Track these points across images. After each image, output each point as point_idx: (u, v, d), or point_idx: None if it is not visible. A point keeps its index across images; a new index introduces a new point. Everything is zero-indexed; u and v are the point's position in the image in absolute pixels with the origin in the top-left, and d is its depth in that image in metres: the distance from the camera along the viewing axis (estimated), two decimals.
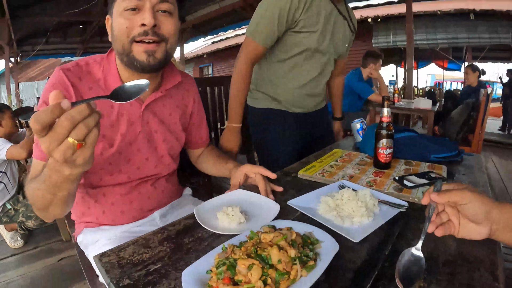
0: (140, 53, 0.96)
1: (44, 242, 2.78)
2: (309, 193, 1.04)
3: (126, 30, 0.95)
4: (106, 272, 0.67)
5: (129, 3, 0.93)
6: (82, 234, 1.18)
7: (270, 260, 0.59)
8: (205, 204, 0.98)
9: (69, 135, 0.56)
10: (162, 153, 1.19)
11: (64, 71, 1.00)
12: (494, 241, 0.70)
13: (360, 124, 1.75)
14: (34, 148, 0.98)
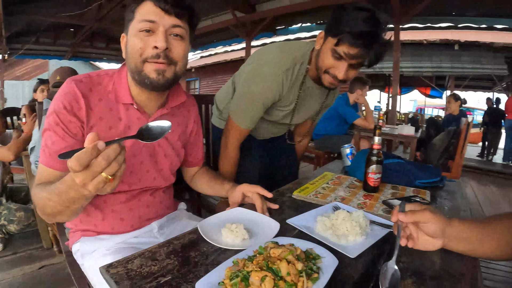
0: (151, 71, 1.02)
1: (23, 248, 2.70)
2: (306, 213, 1.11)
3: (140, 51, 1.01)
4: (116, 284, 0.70)
5: (144, 25, 0.99)
6: (79, 242, 1.20)
7: (280, 272, 0.65)
8: (207, 221, 1.03)
9: (102, 172, 0.65)
10: (162, 167, 1.24)
11: (76, 82, 1.05)
12: (474, 258, 0.79)
13: (350, 149, 1.84)
14: (42, 154, 1.02)
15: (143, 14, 1.00)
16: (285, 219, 1.05)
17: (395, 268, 0.74)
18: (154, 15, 0.99)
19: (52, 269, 2.40)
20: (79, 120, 1.03)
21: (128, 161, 1.13)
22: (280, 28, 9.22)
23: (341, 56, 1.32)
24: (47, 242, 2.69)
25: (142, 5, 1.01)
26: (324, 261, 0.75)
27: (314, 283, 0.67)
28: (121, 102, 1.10)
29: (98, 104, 1.07)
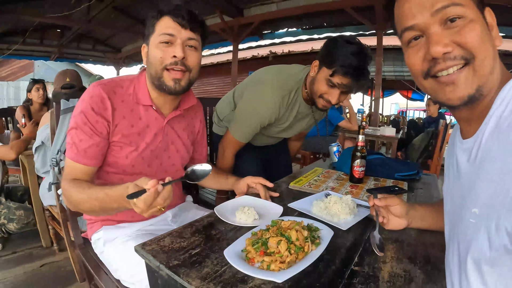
0: (169, 80, 1.20)
1: (23, 247, 2.74)
2: (303, 199, 1.31)
3: (160, 60, 1.18)
4: (154, 257, 0.83)
5: (164, 38, 1.17)
6: (101, 231, 1.33)
7: (291, 238, 0.84)
8: (221, 206, 1.21)
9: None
10: (174, 161, 1.41)
11: (102, 86, 1.20)
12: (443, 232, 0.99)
13: (337, 147, 2.07)
14: (70, 150, 1.17)
15: (162, 28, 1.18)
16: (286, 204, 1.25)
17: (379, 236, 0.97)
18: (173, 29, 1.17)
19: (54, 267, 2.46)
20: (105, 119, 1.18)
21: (147, 156, 1.30)
22: (266, 33, 9.40)
23: (334, 85, 1.57)
24: (47, 241, 2.76)
25: (162, 20, 1.19)
26: (322, 232, 0.96)
27: (316, 247, 0.87)
28: (141, 103, 1.27)
29: (121, 105, 1.23)
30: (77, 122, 1.17)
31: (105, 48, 12.49)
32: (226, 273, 0.76)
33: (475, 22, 0.63)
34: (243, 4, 8.08)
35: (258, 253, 0.80)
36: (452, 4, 0.63)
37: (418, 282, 0.78)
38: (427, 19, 0.66)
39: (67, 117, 1.55)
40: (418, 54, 0.69)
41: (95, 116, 1.17)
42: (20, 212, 2.56)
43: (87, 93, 1.20)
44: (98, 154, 1.20)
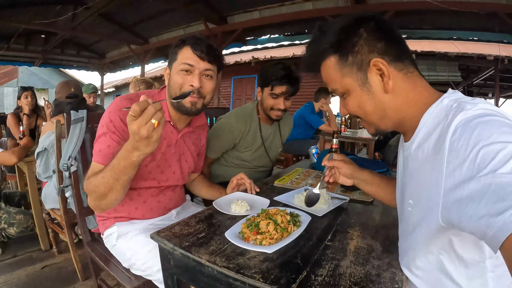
0: (187, 102, 1.39)
1: (22, 251, 2.80)
2: (286, 193, 1.55)
3: (180, 85, 1.38)
4: (168, 241, 1.02)
5: (184, 67, 1.36)
6: (114, 226, 1.48)
7: (277, 221, 1.07)
8: (218, 200, 1.42)
9: (151, 118, 0.97)
10: (183, 170, 1.62)
11: (129, 100, 1.37)
12: None
13: (315, 149, 2.34)
14: (98, 156, 1.29)
15: (184, 58, 1.37)
16: (272, 198, 1.49)
17: (317, 192, 1.35)
18: (192, 60, 1.36)
19: (55, 268, 2.55)
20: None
21: (162, 164, 1.49)
22: (249, 39, 9.65)
23: (277, 95, 2.04)
24: (45, 244, 2.84)
25: (184, 49, 1.38)
26: (302, 218, 1.20)
27: (297, 228, 1.11)
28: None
29: None
30: (106, 130, 1.31)
31: (89, 54, 12.48)
32: (227, 249, 0.98)
33: (350, 95, 0.89)
34: (227, 12, 8.29)
35: (252, 232, 1.03)
36: (332, 90, 0.93)
37: (378, 252, 1.01)
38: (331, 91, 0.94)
39: (77, 126, 1.72)
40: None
41: (123, 126, 1.31)
42: (20, 216, 2.64)
43: (116, 105, 1.35)
44: None
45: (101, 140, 1.31)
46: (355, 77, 0.85)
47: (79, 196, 1.76)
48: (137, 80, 3.28)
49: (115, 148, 1.29)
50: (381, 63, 0.81)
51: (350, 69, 0.85)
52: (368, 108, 0.87)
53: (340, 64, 0.86)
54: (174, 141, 1.52)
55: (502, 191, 0.52)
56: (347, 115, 0.90)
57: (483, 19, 6.02)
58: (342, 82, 0.88)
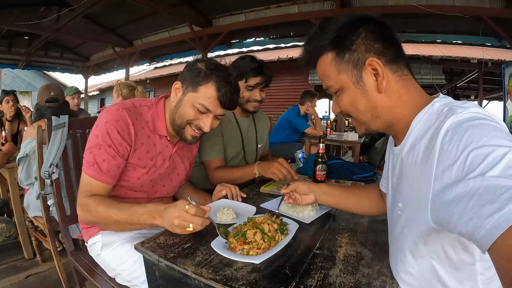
0: (189, 135, 1.38)
1: (5, 260, 2.74)
2: (273, 200, 1.54)
3: (188, 120, 1.34)
4: (153, 252, 0.99)
5: (201, 108, 1.32)
6: (99, 235, 1.43)
7: (264, 230, 1.05)
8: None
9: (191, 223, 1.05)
10: (175, 183, 1.59)
11: (126, 111, 1.31)
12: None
13: (302, 154, 2.34)
14: (91, 169, 1.26)
15: (204, 98, 1.31)
16: (258, 205, 1.47)
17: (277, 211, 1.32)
18: (212, 106, 1.32)
19: (40, 277, 2.50)
20: (128, 143, 1.31)
21: (154, 178, 1.46)
22: (235, 42, 9.66)
23: (252, 87, 2.04)
24: (29, 252, 2.78)
25: (208, 87, 1.32)
26: (289, 226, 1.18)
27: (285, 236, 1.09)
28: (158, 133, 1.42)
29: (141, 131, 1.37)
30: (102, 142, 1.26)
31: (73, 56, 12.31)
32: (214, 260, 0.96)
33: (344, 93, 0.89)
34: (212, 15, 8.29)
35: (239, 242, 1.01)
36: (327, 87, 0.93)
37: (367, 259, 1.00)
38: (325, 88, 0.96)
39: (59, 132, 1.67)
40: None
41: (120, 139, 1.28)
42: (2, 225, 2.59)
43: (113, 116, 1.29)
44: (118, 173, 1.33)
45: (95, 151, 1.28)
46: (350, 74, 0.86)
47: (62, 205, 1.71)
48: (120, 84, 3.24)
49: (110, 163, 1.28)
50: (377, 63, 0.83)
51: (346, 66, 0.86)
52: (360, 107, 0.88)
53: (337, 60, 0.87)
54: (168, 155, 1.49)
55: (491, 193, 0.53)
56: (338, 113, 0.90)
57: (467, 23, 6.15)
58: (337, 78, 0.88)
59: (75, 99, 4.19)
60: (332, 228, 1.26)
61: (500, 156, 0.56)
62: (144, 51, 10.89)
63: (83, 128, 1.77)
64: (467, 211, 0.56)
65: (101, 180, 1.28)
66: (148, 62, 12.73)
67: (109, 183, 1.31)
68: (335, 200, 1.30)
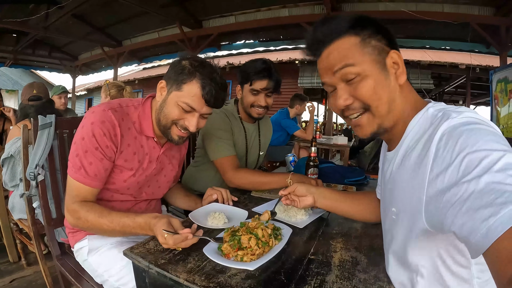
0: (175, 135, 1.33)
1: None
2: (265, 203, 1.51)
3: (174, 119, 1.29)
4: (143, 258, 0.95)
5: (186, 107, 1.27)
6: (85, 240, 1.39)
7: (258, 235, 1.02)
8: (194, 212, 1.37)
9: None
10: (161, 185, 1.54)
11: (112, 111, 1.26)
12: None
13: (292, 157, 2.33)
14: (77, 172, 1.21)
15: (189, 97, 1.26)
16: (250, 209, 1.44)
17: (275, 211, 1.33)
18: (197, 104, 1.27)
19: (24, 282, 2.44)
20: (114, 145, 1.27)
21: (141, 180, 1.41)
22: (224, 44, 9.65)
23: (257, 91, 1.92)
24: (14, 255, 2.72)
25: (192, 85, 1.26)
26: (283, 231, 1.15)
27: (279, 242, 1.07)
28: (144, 134, 1.37)
29: (127, 133, 1.32)
30: (87, 145, 1.21)
31: (61, 56, 12.19)
32: (207, 266, 0.92)
33: (367, 78, 0.82)
34: (202, 16, 8.30)
35: (234, 250, 0.98)
36: (345, 66, 0.83)
37: (363, 265, 0.99)
38: (331, 78, 0.87)
39: (45, 132, 1.61)
40: (334, 102, 0.90)
41: (106, 142, 1.23)
42: None
43: (98, 117, 1.24)
44: (105, 176, 1.29)
45: (81, 154, 1.22)
46: (375, 60, 0.83)
47: (47, 207, 1.64)
48: (108, 84, 3.19)
49: (98, 166, 1.24)
50: (398, 55, 0.84)
51: (371, 51, 0.83)
52: (383, 94, 0.82)
53: (362, 44, 0.83)
54: (155, 157, 1.44)
55: (486, 197, 0.53)
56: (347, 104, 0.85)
57: (455, 29, 6.25)
58: (362, 62, 0.82)
59: (62, 98, 4.11)
60: (325, 233, 1.24)
61: (494, 160, 0.56)
62: (133, 52, 10.82)
63: (71, 128, 1.71)
64: (461, 214, 0.56)
65: (89, 184, 1.24)
66: (137, 63, 12.62)
67: (97, 187, 1.27)
68: (333, 203, 1.27)
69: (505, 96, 5.00)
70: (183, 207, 1.75)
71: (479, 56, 8.69)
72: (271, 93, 1.96)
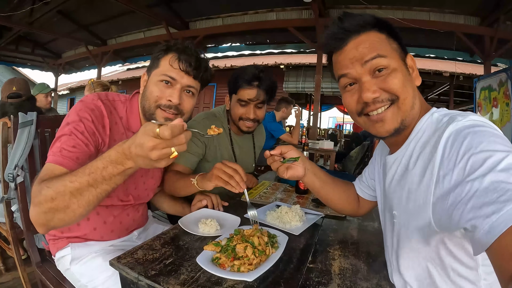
0: (161, 118, 1.23)
1: None
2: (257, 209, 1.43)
3: (156, 98, 1.22)
4: (131, 269, 0.88)
5: (164, 78, 1.21)
6: (68, 248, 1.30)
7: (254, 244, 0.97)
8: (184, 219, 1.30)
9: (173, 146, 0.79)
10: (147, 186, 1.48)
11: (102, 101, 1.20)
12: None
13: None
14: (57, 156, 1.02)
15: (166, 68, 1.21)
16: (241, 215, 1.38)
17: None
18: (176, 74, 1.22)
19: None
20: (100, 135, 1.17)
21: (127, 181, 1.26)
22: (210, 46, 9.58)
23: (246, 102, 1.74)
24: None
25: (168, 58, 1.23)
26: (278, 238, 1.11)
27: (276, 250, 1.01)
28: (131, 130, 1.30)
29: (115, 127, 1.25)
30: (72, 129, 1.09)
31: (44, 53, 11.91)
32: (201, 277, 0.87)
33: (397, 71, 0.82)
34: (189, 17, 8.25)
35: (229, 259, 0.93)
36: (378, 56, 0.82)
37: (363, 272, 0.96)
38: (358, 69, 0.85)
39: (25, 131, 1.52)
40: (353, 97, 0.89)
41: (93, 129, 1.14)
42: None
43: (88, 104, 1.17)
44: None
45: (64, 139, 1.07)
46: (400, 57, 0.85)
47: (27, 211, 1.55)
48: (93, 82, 3.08)
49: (82, 151, 1.08)
50: (412, 60, 0.87)
51: (396, 48, 0.86)
52: (410, 89, 0.83)
53: (388, 41, 0.86)
54: None
55: (489, 195, 0.55)
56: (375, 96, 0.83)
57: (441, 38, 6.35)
58: (392, 54, 0.84)
59: (49, 97, 4.00)
60: (322, 240, 1.21)
61: (498, 160, 0.58)
62: (118, 51, 10.67)
63: (53, 127, 1.62)
64: (466, 212, 0.58)
65: (66, 165, 1.01)
66: (121, 63, 12.42)
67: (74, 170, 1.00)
68: (321, 184, 1.22)
69: (489, 104, 5.09)
70: (170, 212, 1.68)
71: (463, 64, 8.87)
72: (262, 104, 1.79)
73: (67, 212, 0.89)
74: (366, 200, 1.25)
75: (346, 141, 9.39)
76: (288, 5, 7.00)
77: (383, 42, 0.84)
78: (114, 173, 0.87)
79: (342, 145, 8.22)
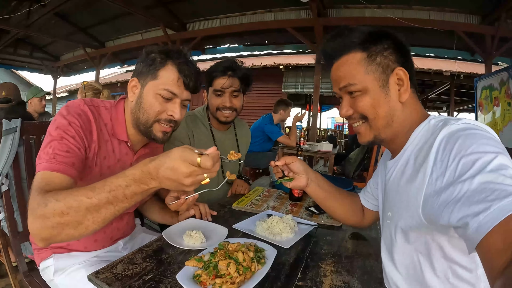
0: (158, 132, 1.22)
1: None
2: (246, 219, 1.39)
3: (157, 113, 1.19)
4: (109, 286, 0.84)
5: (166, 94, 1.18)
6: (51, 259, 1.27)
7: (238, 260, 0.91)
8: (169, 230, 1.24)
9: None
10: None
11: (89, 107, 1.16)
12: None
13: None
14: (52, 162, 0.98)
15: (167, 82, 1.17)
16: (230, 225, 1.32)
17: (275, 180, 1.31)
18: (177, 88, 1.19)
19: None
20: (87, 141, 1.13)
21: None
22: (208, 48, 9.52)
23: (221, 91, 1.79)
24: None
25: (168, 69, 1.18)
26: (266, 252, 1.04)
27: (262, 266, 0.95)
28: (117, 138, 1.25)
29: (100, 134, 1.20)
30: (63, 133, 1.05)
31: (43, 55, 11.87)
32: None
33: (367, 94, 0.89)
34: (187, 19, 8.20)
35: (210, 277, 0.87)
36: (348, 85, 0.91)
37: None
38: (338, 90, 0.97)
39: (9, 138, 1.48)
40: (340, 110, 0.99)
41: (82, 134, 1.10)
42: None
43: (74, 109, 1.12)
44: (82, 171, 1.11)
45: (55, 145, 1.02)
46: (378, 77, 0.88)
47: (13, 219, 1.51)
48: (85, 85, 3.00)
49: (76, 155, 1.05)
50: (404, 73, 0.88)
51: (375, 69, 0.88)
52: (381, 111, 0.89)
53: (367, 61, 0.89)
54: (128, 164, 1.31)
55: (478, 195, 0.57)
56: (348, 114, 0.96)
57: (441, 37, 6.27)
58: (364, 78, 0.89)
59: (43, 100, 3.96)
60: (314, 253, 1.14)
61: (487, 161, 0.61)
62: (116, 53, 10.64)
63: (38, 134, 1.58)
64: (456, 211, 0.60)
65: (64, 171, 0.98)
66: (120, 65, 12.39)
67: (73, 177, 1.01)
68: (325, 195, 1.27)
69: (490, 103, 5.02)
70: (159, 221, 1.62)
71: (464, 63, 8.81)
72: (237, 92, 1.82)
73: (79, 228, 0.85)
74: (371, 211, 1.26)
75: (346, 142, 9.34)
76: (287, 5, 6.93)
77: (358, 64, 0.89)
78: (137, 192, 0.87)
79: (342, 146, 8.15)
